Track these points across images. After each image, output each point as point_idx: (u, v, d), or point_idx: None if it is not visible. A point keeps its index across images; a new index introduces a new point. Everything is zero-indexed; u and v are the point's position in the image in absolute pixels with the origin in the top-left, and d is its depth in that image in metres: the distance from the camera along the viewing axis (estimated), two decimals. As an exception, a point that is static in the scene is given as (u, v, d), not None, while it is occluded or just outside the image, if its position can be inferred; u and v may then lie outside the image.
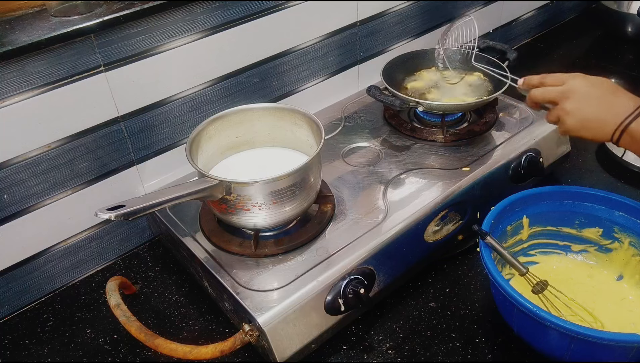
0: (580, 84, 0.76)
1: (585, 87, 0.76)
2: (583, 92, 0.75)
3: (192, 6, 0.90)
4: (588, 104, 0.75)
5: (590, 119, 0.75)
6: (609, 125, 0.73)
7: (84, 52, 0.81)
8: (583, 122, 0.75)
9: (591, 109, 0.74)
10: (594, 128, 0.75)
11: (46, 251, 0.90)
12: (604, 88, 0.75)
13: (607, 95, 0.74)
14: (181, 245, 0.86)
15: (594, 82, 0.76)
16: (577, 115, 0.75)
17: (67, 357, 0.82)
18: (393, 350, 0.80)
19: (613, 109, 0.73)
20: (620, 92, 0.75)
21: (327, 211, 0.87)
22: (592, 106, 0.74)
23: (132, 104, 0.90)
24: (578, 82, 0.77)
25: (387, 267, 0.83)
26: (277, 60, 1.06)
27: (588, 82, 0.76)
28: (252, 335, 0.72)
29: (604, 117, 0.73)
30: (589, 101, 0.75)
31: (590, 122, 0.75)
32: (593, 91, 0.75)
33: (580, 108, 0.75)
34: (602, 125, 0.74)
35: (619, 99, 0.74)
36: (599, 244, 0.87)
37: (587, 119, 0.75)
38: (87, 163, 0.89)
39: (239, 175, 0.79)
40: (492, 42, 1.17)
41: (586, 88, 0.76)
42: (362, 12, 1.16)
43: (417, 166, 0.97)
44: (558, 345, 0.70)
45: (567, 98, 0.76)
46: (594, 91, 0.75)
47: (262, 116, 0.92)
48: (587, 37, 1.68)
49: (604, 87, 0.75)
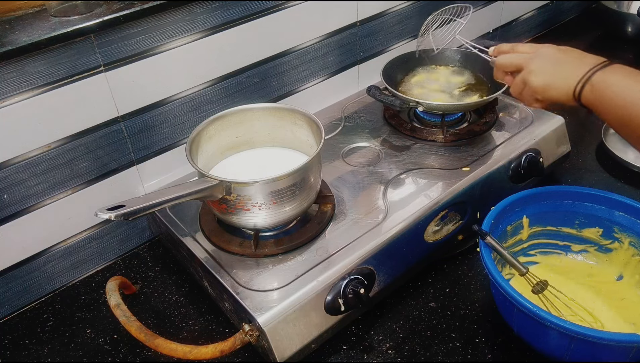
0: (548, 50, 0.78)
1: (553, 51, 0.77)
2: (550, 54, 0.77)
3: (192, 6, 0.90)
4: (553, 63, 0.76)
5: (554, 76, 0.75)
6: (572, 80, 0.73)
7: (83, 52, 0.81)
8: (547, 79, 0.75)
9: (556, 68, 0.75)
10: (558, 88, 0.74)
11: (46, 251, 0.90)
12: (570, 52, 0.76)
13: (572, 57, 0.75)
14: (181, 245, 0.86)
15: (562, 48, 0.77)
16: (542, 73, 0.76)
17: (67, 357, 0.82)
18: (393, 350, 0.80)
19: (576, 67, 0.73)
20: (588, 55, 0.75)
21: (327, 211, 0.87)
22: (557, 65, 0.75)
23: (132, 104, 0.90)
24: (546, 49, 0.78)
25: (387, 267, 0.83)
26: (277, 60, 1.06)
27: (557, 48, 0.78)
28: (252, 335, 0.72)
29: (568, 74, 0.73)
30: (555, 61, 0.76)
31: (554, 78, 0.75)
32: (560, 54, 0.76)
33: (546, 66, 0.76)
34: (565, 82, 0.73)
35: (584, 59, 0.74)
36: (599, 244, 0.87)
37: (551, 76, 0.75)
38: (87, 163, 0.89)
39: (239, 175, 0.79)
40: (492, 42, 1.17)
41: (554, 52, 0.77)
42: (362, 12, 1.16)
43: (417, 166, 0.97)
44: (558, 345, 0.70)
45: (533, 59, 0.77)
46: (561, 54, 0.76)
47: (262, 116, 0.92)
48: (587, 37, 1.68)
49: (570, 51, 0.76)
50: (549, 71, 0.75)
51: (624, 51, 1.58)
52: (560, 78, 0.74)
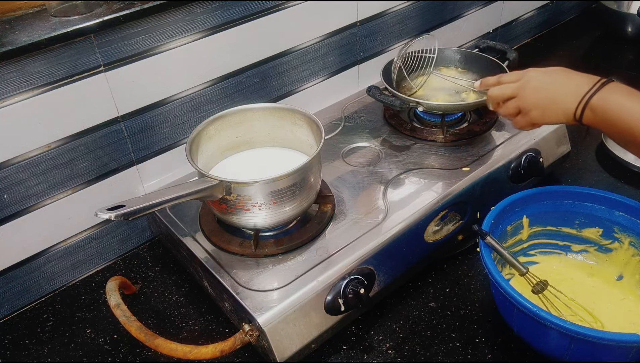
0: (535, 75, 0.78)
1: (540, 75, 0.78)
2: (540, 80, 0.77)
3: (192, 6, 0.90)
4: (546, 89, 0.76)
5: (550, 103, 0.76)
6: (570, 104, 0.73)
7: (84, 52, 0.81)
8: (544, 107, 0.76)
9: (550, 92, 0.76)
10: (555, 111, 0.75)
11: (46, 251, 0.90)
12: (557, 73, 0.77)
13: (563, 78, 0.76)
14: (181, 245, 0.86)
15: (547, 71, 0.78)
16: (537, 102, 0.77)
17: (67, 357, 0.82)
18: (393, 350, 0.80)
19: (571, 89, 0.74)
20: (574, 73, 0.76)
21: (327, 211, 0.87)
22: (550, 90, 0.76)
23: (132, 104, 0.90)
24: (532, 73, 0.79)
25: (387, 267, 0.83)
26: (277, 60, 1.06)
27: (542, 71, 0.78)
28: (252, 335, 0.72)
29: (564, 98, 0.74)
30: (546, 86, 0.77)
31: (551, 105, 0.76)
32: (548, 77, 0.77)
33: (539, 95, 0.77)
34: (563, 106, 0.74)
35: (574, 79, 0.75)
36: (599, 244, 0.87)
37: (548, 103, 0.76)
38: (87, 163, 0.89)
39: (239, 175, 0.79)
40: (492, 42, 1.17)
41: (541, 76, 0.78)
42: (362, 12, 1.16)
43: (417, 166, 0.97)
44: (558, 345, 0.70)
45: (524, 88, 0.78)
46: (549, 77, 0.77)
47: (262, 116, 0.92)
48: (587, 37, 1.68)
49: (557, 72, 0.77)
50: (542, 99, 0.77)
51: (624, 51, 1.59)
52: (557, 104, 0.75)
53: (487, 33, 1.53)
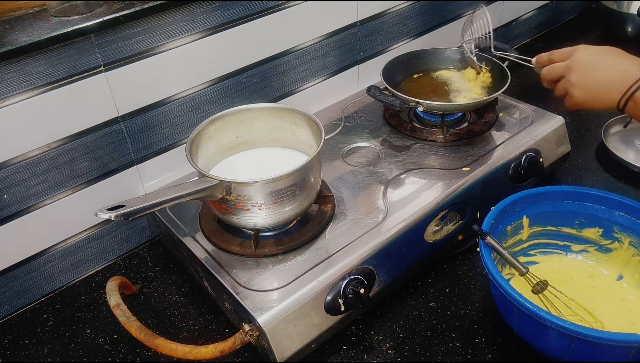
0: (583, 55, 0.77)
1: (588, 56, 0.76)
2: (587, 63, 0.76)
3: (192, 6, 0.90)
4: (592, 74, 0.75)
5: (595, 89, 0.75)
6: (615, 93, 0.73)
7: (83, 52, 0.81)
8: (589, 92, 0.75)
9: (596, 78, 0.75)
10: (600, 97, 0.75)
11: (46, 251, 0.90)
12: (607, 55, 0.76)
13: (611, 62, 0.75)
14: (181, 245, 0.86)
15: (597, 51, 0.77)
16: (583, 86, 0.76)
17: (67, 357, 0.82)
18: (393, 350, 0.80)
19: (617, 77, 0.73)
20: (625, 58, 0.74)
21: (327, 211, 0.87)
22: (597, 76, 0.75)
23: (132, 104, 0.90)
24: (581, 53, 0.77)
25: (387, 267, 0.83)
26: (277, 60, 1.06)
27: (591, 51, 0.77)
28: (252, 335, 0.72)
29: (609, 86, 0.73)
30: (593, 71, 0.75)
31: (596, 92, 0.75)
32: (596, 59, 0.76)
33: (585, 79, 0.76)
34: (607, 94, 0.74)
35: (623, 65, 0.74)
36: (599, 244, 0.87)
37: (593, 89, 0.75)
38: (87, 163, 0.89)
39: (239, 175, 0.79)
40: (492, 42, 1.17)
41: (589, 57, 0.76)
42: (362, 12, 1.16)
43: (417, 166, 0.97)
44: (558, 345, 0.70)
45: (572, 70, 0.77)
46: (597, 59, 0.76)
47: (262, 116, 0.92)
48: (587, 37, 1.68)
49: (607, 55, 0.76)
50: (588, 84, 0.75)
51: (624, 51, 1.58)
52: (602, 92, 0.74)
53: (487, 33, 1.52)
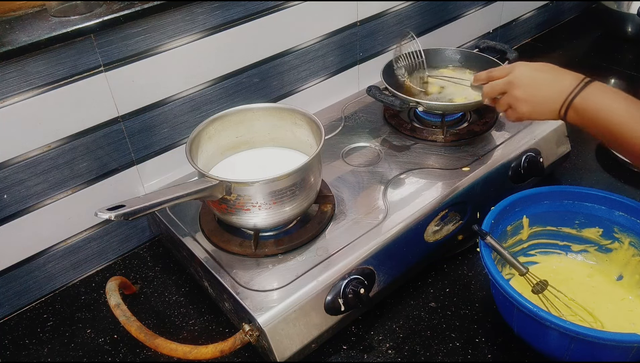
0: (524, 71, 0.80)
1: (529, 72, 0.79)
2: (528, 78, 0.79)
3: (192, 6, 0.90)
4: (535, 88, 0.78)
5: (539, 102, 0.78)
6: (556, 103, 0.76)
7: (84, 52, 0.81)
8: (533, 105, 0.79)
9: (539, 91, 0.78)
10: (543, 109, 0.78)
11: (46, 251, 0.90)
12: (546, 71, 0.79)
13: (550, 76, 0.78)
14: (181, 245, 0.86)
15: (537, 67, 0.80)
16: (527, 100, 0.79)
17: (67, 357, 0.82)
18: (393, 350, 0.80)
19: (558, 88, 0.76)
20: (563, 72, 0.77)
21: (327, 211, 0.87)
22: (539, 89, 0.78)
23: (132, 104, 0.90)
24: (522, 69, 0.80)
25: (387, 267, 0.83)
26: (277, 60, 1.06)
27: (531, 67, 0.80)
28: (252, 335, 0.72)
29: (550, 97, 0.76)
30: (535, 85, 0.78)
31: (539, 104, 0.78)
32: (537, 74, 0.79)
33: (529, 93, 0.79)
34: (549, 105, 0.76)
35: (562, 78, 0.76)
36: (599, 244, 0.87)
37: (536, 102, 0.78)
38: (87, 163, 0.89)
39: (239, 175, 0.79)
40: (492, 42, 1.17)
41: (530, 73, 0.79)
42: (362, 12, 1.16)
43: (417, 166, 0.97)
44: (558, 345, 0.70)
45: (514, 86, 0.80)
46: (538, 74, 0.79)
47: (262, 116, 0.92)
48: (587, 37, 1.68)
49: (546, 70, 0.79)
50: (530, 97, 0.78)
51: (623, 51, 1.58)
52: (543, 103, 0.77)
53: (487, 33, 1.53)
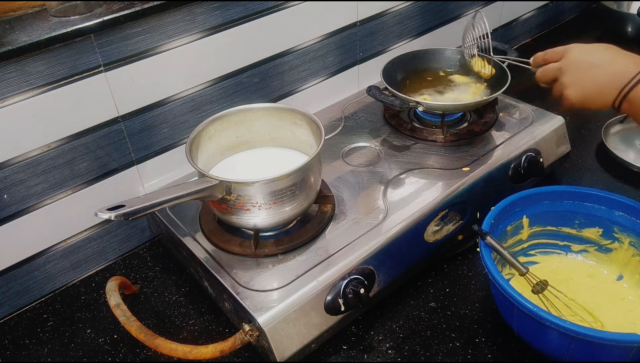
0: (576, 55, 0.75)
1: (581, 56, 0.74)
2: (579, 63, 0.74)
3: (192, 6, 0.90)
4: (585, 74, 0.73)
5: (589, 90, 0.73)
6: (609, 94, 0.71)
7: (83, 52, 0.81)
8: (583, 94, 0.74)
9: (589, 79, 0.73)
10: (594, 99, 0.73)
11: (46, 251, 0.90)
12: (600, 54, 0.74)
13: (604, 62, 0.73)
14: (181, 245, 0.86)
15: (590, 50, 0.75)
16: (576, 88, 0.74)
17: (67, 357, 0.82)
18: (393, 350, 0.80)
19: (611, 77, 0.71)
20: (619, 56, 0.73)
21: (327, 211, 0.87)
22: (589, 76, 0.73)
23: (132, 104, 0.90)
24: (574, 53, 0.75)
25: (387, 267, 0.83)
26: (277, 60, 1.06)
27: (584, 50, 0.75)
28: (252, 335, 0.72)
29: (603, 87, 0.72)
30: (585, 71, 0.73)
31: (590, 93, 0.73)
32: (589, 59, 0.74)
33: (578, 80, 0.74)
34: (601, 95, 0.72)
35: (617, 64, 0.72)
36: (599, 244, 0.87)
37: (587, 91, 0.73)
38: (87, 163, 0.89)
39: (239, 175, 0.79)
40: (492, 42, 1.17)
41: (582, 58, 0.74)
42: (362, 12, 1.16)
43: (417, 166, 0.97)
44: (558, 345, 0.70)
45: (564, 72, 0.75)
46: (590, 59, 0.74)
47: (262, 116, 0.92)
48: (587, 37, 1.68)
49: (600, 54, 0.74)
50: (581, 86, 0.73)
51: (624, 51, 1.58)
52: (595, 93, 0.73)
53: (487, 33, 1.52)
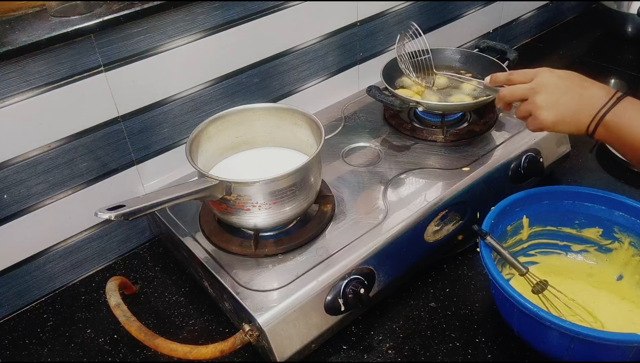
0: (548, 78, 0.74)
1: (554, 80, 0.74)
2: (553, 86, 0.74)
3: (192, 6, 0.90)
4: (560, 97, 0.73)
5: (564, 113, 0.73)
6: (584, 118, 0.71)
7: (83, 52, 0.81)
8: (557, 116, 0.73)
9: (564, 102, 0.73)
10: (568, 121, 0.73)
11: (46, 251, 0.90)
12: (572, 80, 0.74)
13: (577, 87, 0.73)
14: (181, 245, 0.86)
15: (562, 75, 0.75)
16: (551, 109, 0.73)
17: (67, 357, 0.82)
18: (393, 350, 0.80)
19: (586, 101, 0.71)
20: (590, 83, 0.73)
21: (327, 211, 0.87)
22: (565, 99, 0.73)
23: (132, 104, 0.90)
24: (546, 76, 0.75)
25: (387, 267, 0.83)
26: (277, 60, 1.06)
27: (556, 75, 0.75)
28: (252, 335, 0.72)
29: (578, 110, 0.72)
30: (560, 94, 0.73)
31: (564, 115, 0.73)
32: (562, 83, 0.74)
33: (554, 102, 0.73)
34: (576, 118, 0.72)
35: (590, 90, 0.72)
36: (599, 244, 0.87)
37: (562, 113, 0.73)
38: (87, 163, 0.89)
39: (239, 175, 0.79)
40: (492, 42, 1.17)
41: (555, 81, 0.74)
42: (362, 12, 1.16)
43: (417, 166, 0.97)
44: (558, 345, 0.70)
45: (538, 93, 0.74)
46: (563, 83, 0.74)
47: (262, 116, 0.92)
48: (587, 37, 1.68)
49: (572, 79, 0.74)
50: (556, 108, 0.73)
51: (623, 51, 1.58)
52: (570, 116, 0.72)
53: (487, 33, 1.53)
